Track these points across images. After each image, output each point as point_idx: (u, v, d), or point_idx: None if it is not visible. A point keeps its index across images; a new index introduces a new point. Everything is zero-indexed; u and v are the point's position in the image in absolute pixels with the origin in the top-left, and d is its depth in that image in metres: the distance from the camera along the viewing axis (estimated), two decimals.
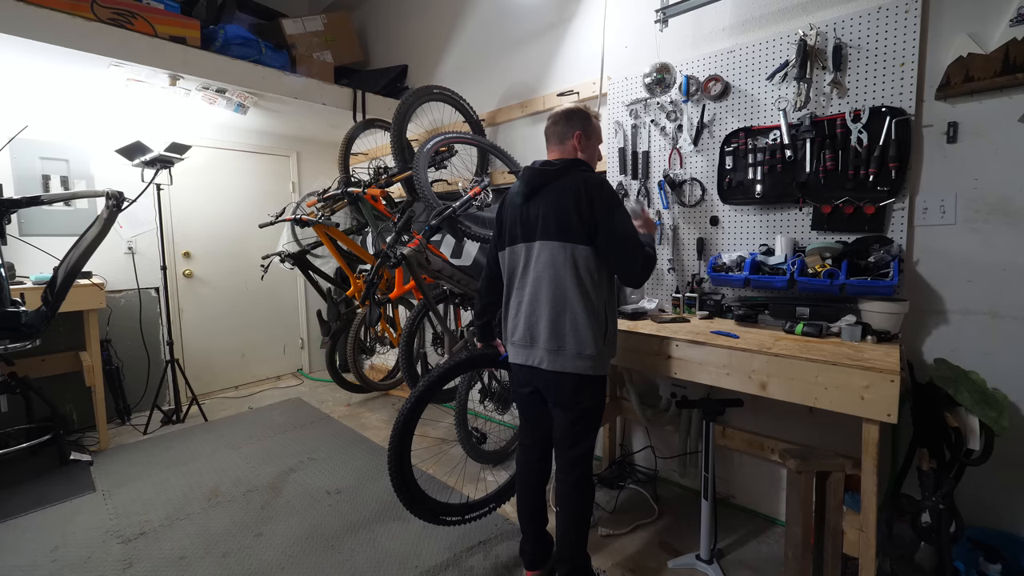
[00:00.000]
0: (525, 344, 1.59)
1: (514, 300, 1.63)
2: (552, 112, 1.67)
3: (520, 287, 1.61)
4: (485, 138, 3.03)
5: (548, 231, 1.52)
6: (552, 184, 1.54)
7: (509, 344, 1.67)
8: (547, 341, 1.52)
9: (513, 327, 1.63)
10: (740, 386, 1.60)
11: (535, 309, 1.55)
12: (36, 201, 2.25)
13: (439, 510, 1.89)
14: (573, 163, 1.58)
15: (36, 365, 2.95)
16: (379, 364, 4.04)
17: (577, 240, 1.48)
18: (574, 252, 1.49)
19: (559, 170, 1.55)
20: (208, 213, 3.89)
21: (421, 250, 1.99)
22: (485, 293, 1.82)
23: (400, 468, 1.76)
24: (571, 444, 1.58)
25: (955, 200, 1.70)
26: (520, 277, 1.61)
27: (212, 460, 2.79)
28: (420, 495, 1.84)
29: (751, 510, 2.22)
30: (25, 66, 2.52)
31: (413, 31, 3.73)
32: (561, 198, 1.50)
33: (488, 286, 1.79)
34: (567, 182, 1.52)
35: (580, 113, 1.63)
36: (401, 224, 2.49)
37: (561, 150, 1.63)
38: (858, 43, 1.80)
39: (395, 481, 1.76)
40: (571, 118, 1.61)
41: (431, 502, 1.87)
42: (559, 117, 1.63)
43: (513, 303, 1.63)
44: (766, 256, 1.97)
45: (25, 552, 1.99)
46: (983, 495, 1.67)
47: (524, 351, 1.60)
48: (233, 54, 2.84)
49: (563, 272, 1.49)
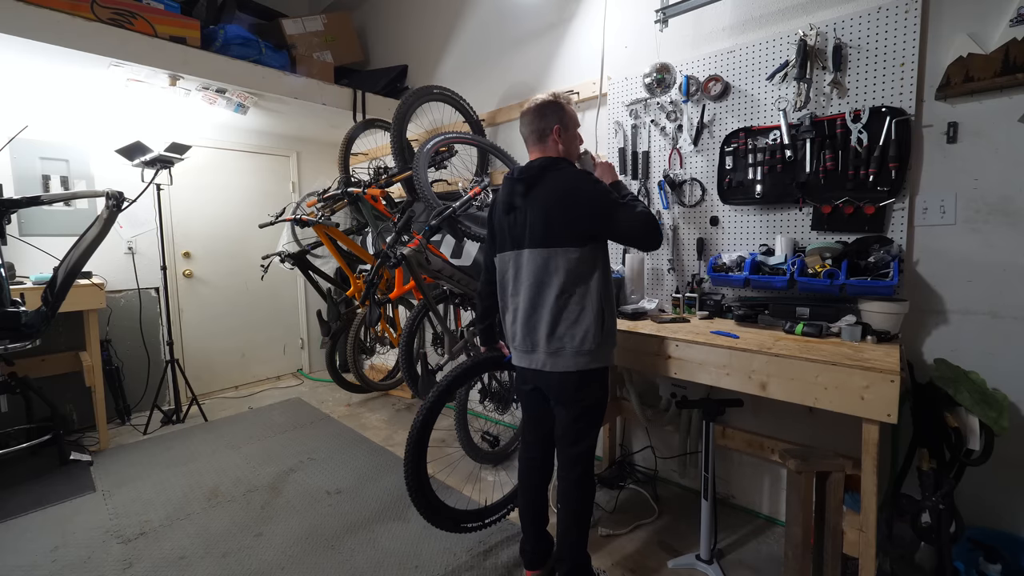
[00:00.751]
0: (526, 350, 1.59)
1: (510, 306, 1.63)
2: (524, 110, 1.61)
3: (514, 294, 1.60)
4: (485, 138, 3.03)
5: (535, 238, 1.51)
6: (534, 191, 1.52)
7: (511, 347, 1.67)
8: (546, 345, 1.52)
9: (512, 334, 1.63)
10: (740, 386, 1.60)
11: (531, 316, 1.55)
12: (36, 201, 2.25)
13: (459, 518, 1.87)
14: (553, 162, 1.54)
15: (36, 365, 2.95)
16: (379, 364, 4.03)
17: (567, 244, 1.47)
18: (564, 257, 1.48)
19: (538, 174, 1.53)
20: (208, 213, 3.89)
21: (421, 250, 1.99)
22: (486, 296, 1.81)
23: (418, 480, 1.74)
24: (573, 441, 1.58)
25: (955, 200, 1.70)
26: (513, 284, 1.60)
27: (212, 460, 2.79)
28: (438, 504, 1.82)
29: (751, 510, 2.22)
30: (25, 66, 2.52)
31: (413, 31, 3.73)
32: (546, 204, 1.49)
33: (488, 289, 1.78)
34: (551, 186, 1.50)
35: (552, 105, 1.56)
36: (401, 224, 2.48)
37: (542, 149, 1.58)
38: (858, 43, 1.80)
39: (414, 494, 1.74)
40: (545, 113, 1.56)
41: (450, 511, 1.85)
42: (532, 115, 1.57)
43: (510, 309, 1.63)
44: (766, 256, 1.97)
45: (25, 552, 1.99)
46: (983, 495, 1.67)
47: (526, 356, 1.60)
48: (233, 54, 2.84)
49: (554, 278, 1.49)
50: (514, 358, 1.67)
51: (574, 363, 1.50)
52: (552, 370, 1.53)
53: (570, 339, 1.49)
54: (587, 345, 1.49)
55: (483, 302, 1.83)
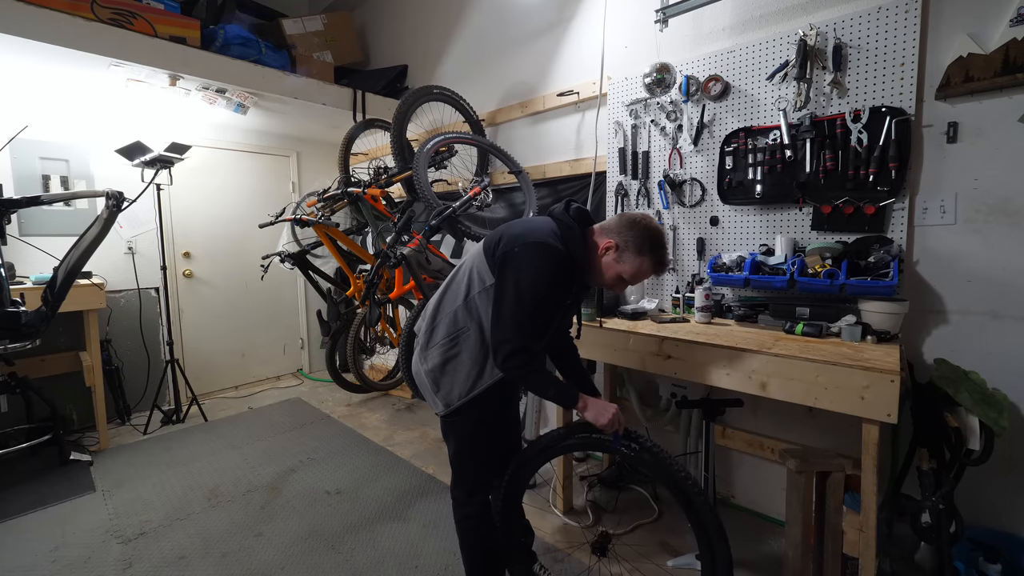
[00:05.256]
0: None
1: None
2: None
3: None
4: (485, 138, 3.03)
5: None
6: None
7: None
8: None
9: None
10: (740, 386, 1.60)
11: None
12: (36, 201, 2.25)
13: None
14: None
15: (36, 365, 2.95)
16: (379, 364, 4.03)
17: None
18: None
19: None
20: (208, 213, 3.89)
21: (421, 250, 2.00)
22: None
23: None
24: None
25: (955, 200, 1.70)
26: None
27: (212, 460, 2.79)
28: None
29: (751, 510, 2.22)
30: (25, 66, 2.52)
31: (413, 31, 3.73)
32: None
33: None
34: None
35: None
36: (401, 224, 2.48)
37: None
38: (858, 43, 1.80)
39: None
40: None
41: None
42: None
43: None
44: (766, 256, 1.97)
45: (25, 552, 1.99)
46: (983, 495, 1.67)
47: None
48: (233, 54, 2.84)
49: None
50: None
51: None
52: None
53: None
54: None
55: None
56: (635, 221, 1.35)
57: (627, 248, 1.33)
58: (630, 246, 1.33)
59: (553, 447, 1.51)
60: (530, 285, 1.25)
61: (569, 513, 2.21)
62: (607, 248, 1.34)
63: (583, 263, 1.35)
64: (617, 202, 2.47)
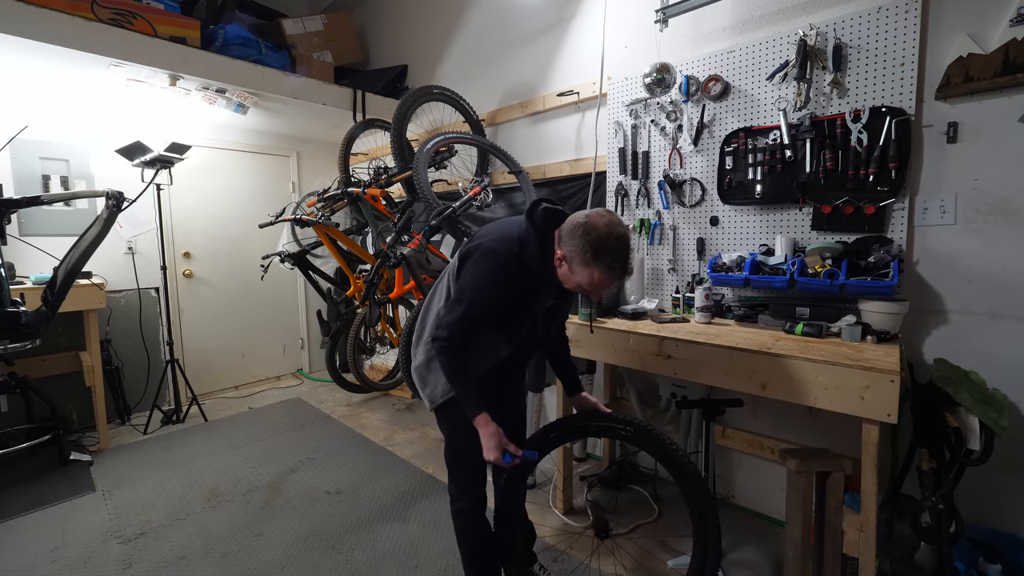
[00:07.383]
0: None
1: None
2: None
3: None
4: (485, 138, 3.03)
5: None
6: None
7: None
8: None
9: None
10: (740, 386, 1.60)
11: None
12: (36, 201, 2.25)
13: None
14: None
15: (36, 365, 2.95)
16: (379, 364, 4.03)
17: None
18: None
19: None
20: (208, 213, 3.89)
21: (421, 250, 2.00)
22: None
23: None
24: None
25: (955, 200, 1.70)
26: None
27: (212, 460, 2.79)
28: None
29: (751, 510, 2.22)
30: (25, 66, 2.52)
31: (413, 31, 3.73)
32: None
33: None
34: None
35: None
36: (401, 224, 2.49)
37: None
38: (858, 43, 1.80)
39: None
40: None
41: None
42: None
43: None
44: (766, 256, 1.97)
45: (25, 552, 1.99)
46: (983, 495, 1.67)
47: None
48: (233, 54, 2.84)
49: None
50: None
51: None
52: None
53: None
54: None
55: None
56: (577, 226, 1.22)
57: (573, 259, 1.23)
58: (576, 256, 1.22)
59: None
60: (471, 284, 1.32)
61: (569, 513, 2.21)
62: (560, 259, 1.26)
63: (551, 268, 1.29)
64: (617, 202, 2.47)
